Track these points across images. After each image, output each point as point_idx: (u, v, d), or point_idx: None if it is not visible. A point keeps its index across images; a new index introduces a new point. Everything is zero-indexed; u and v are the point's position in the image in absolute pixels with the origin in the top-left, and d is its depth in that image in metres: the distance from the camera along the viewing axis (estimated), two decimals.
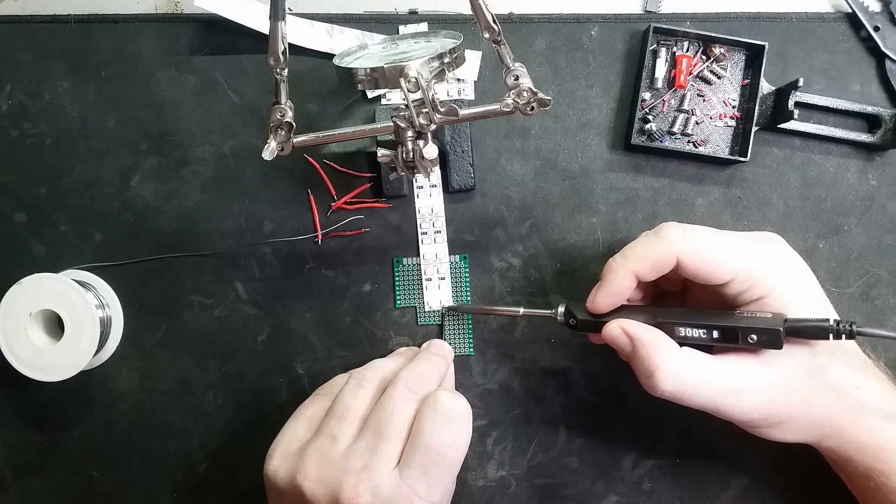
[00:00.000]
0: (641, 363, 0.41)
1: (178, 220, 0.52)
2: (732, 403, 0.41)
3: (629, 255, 0.43)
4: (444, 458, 0.40)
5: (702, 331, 0.42)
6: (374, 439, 0.40)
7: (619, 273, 0.43)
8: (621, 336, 0.42)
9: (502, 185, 0.52)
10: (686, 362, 0.41)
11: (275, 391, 0.52)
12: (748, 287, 0.42)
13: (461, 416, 0.42)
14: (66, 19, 0.52)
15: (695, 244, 0.42)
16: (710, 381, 0.41)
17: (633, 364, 0.42)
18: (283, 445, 0.43)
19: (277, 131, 0.44)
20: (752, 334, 0.40)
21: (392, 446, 0.40)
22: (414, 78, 0.40)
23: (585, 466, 0.52)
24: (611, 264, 0.43)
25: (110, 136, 0.52)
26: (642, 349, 0.41)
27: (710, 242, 0.42)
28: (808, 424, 0.43)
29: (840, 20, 0.51)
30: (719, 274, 0.41)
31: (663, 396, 0.41)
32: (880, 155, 0.51)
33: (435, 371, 0.46)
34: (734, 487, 0.51)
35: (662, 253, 0.42)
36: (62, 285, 0.48)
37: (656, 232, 0.43)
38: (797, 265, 0.43)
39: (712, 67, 0.51)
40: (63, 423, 0.52)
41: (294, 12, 0.51)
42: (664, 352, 0.41)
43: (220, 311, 0.52)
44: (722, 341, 0.42)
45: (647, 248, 0.42)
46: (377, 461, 0.39)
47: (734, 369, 0.41)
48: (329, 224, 0.51)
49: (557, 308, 0.46)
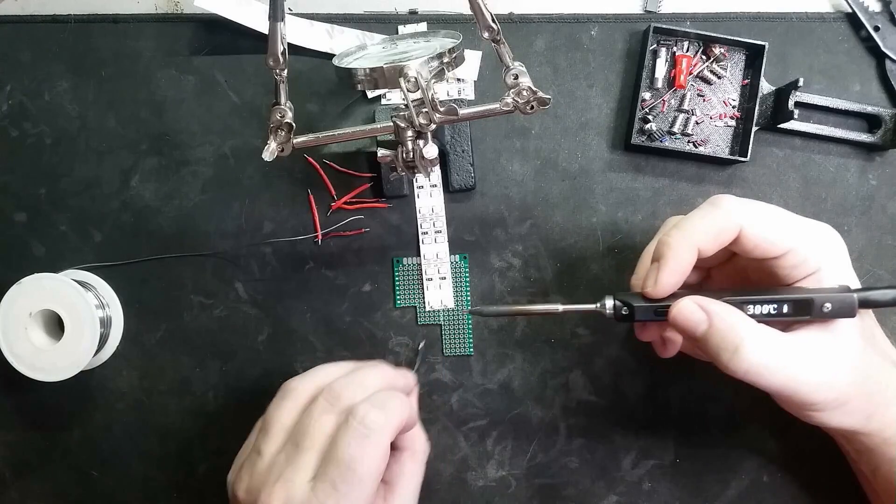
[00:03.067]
0: (721, 339, 0.38)
1: (178, 220, 0.52)
2: (808, 380, 0.39)
3: (689, 228, 0.40)
4: (352, 473, 0.38)
5: (772, 306, 0.40)
6: (292, 451, 0.40)
7: (680, 248, 0.40)
8: (696, 312, 0.39)
9: (502, 185, 0.52)
10: (767, 337, 0.39)
11: (275, 391, 0.52)
12: (803, 260, 0.40)
13: (374, 430, 0.39)
14: (66, 19, 0.52)
15: (756, 213, 0.40)
16: (790, 357, 0.39)
17: (709, 343, 0.39)
18: (238, 456, 0.43)
19: (277, 132, 0.44)
20: (826, 303, 0.39)
21: (307, 458, 0.39)
22: (413, 78, 0.40)
23: (585, 466, 0.52)
24: (668, 241, 0.40)
25: (110, 136, 0.52)
26: (722, 324, 0.39)
27: (770, 212, 0.41)
28: (865, 402, 0.41)
29: (840, 20, 0.51)
30: (780, 244, 0.40)
31: (742, 374, 0.38)
32: (880, 155, 0.51)
33: (370, 383, 0.42)
34: (734, 487, 0.51)
35: (725, 223, 0.40)
36: (62, 285, 0.48)
37: (713, 203, 0.41)
38: (843, 246, 0.42)
39: (712, 67, 0.51)
40: (63, 423, 0.52)
41: (294, 12, 0.51)
42: (745, 327, 0.39)
43: (220, 311, 0.52)
44: (793, 315, 0.40)
45: (706, 219, 0.40)
46: (291, 472, 0.39)
47: (811, 345, 0.39)
48: (329, 224, 0.51)
49: (604, 301, 0.42)
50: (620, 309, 0.42)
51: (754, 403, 0.51)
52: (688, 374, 0.50)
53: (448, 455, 0.52)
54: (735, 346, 0.38)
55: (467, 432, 0.52)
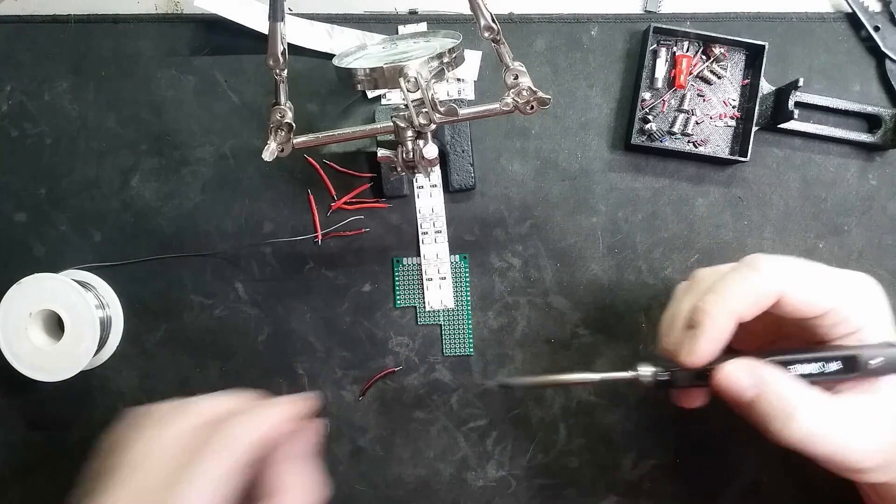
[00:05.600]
0: (772, 408, 0.36)
1: (178, 220, 0.52)
2: (858, 448, 0.37)
3: (726, 294, 0.38)
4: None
5: (818, 364, 0.37)
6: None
7: (719, 317, 0.37)
8: (745, 378, 0.37)
9: (502, 185, 0.52)
10: (820, 404, 0.36)
11: (275, 391, 0.52)
12: (845, 318, 0.38)
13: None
14: (66, 19, 0.52)
15: (797, 275, 0.38)
16: (841, 424, 0.36)
17: (757, 410, 0.37)
18: None
19: (277, 132, 0.44)
20: (872, 359, 0.37)
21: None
22: (413, 78, 0.40)
23: (585, 466, 0.52)
24: (706, 308, 0.38)
25: (110, 136, 0.52)
26: (773, 391, 0.36)
27: (810, 271, 0.39)
28: None
29: (840, 20, 0.51)
30: (822, 305, 0.38)
31: (793, 444, 0.36)
32: (880, 155, 0.51)
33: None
34: (734, 487, 0.51)
35: (764, 288, 0.37)
36: (62, 285, 0.48)
37: (750, 266, 0.38)
38: (884, 299, 0.40)
39: (712, 67, 0.51)
40: (63, 423, 0.52)
41: (294, 12, 0.51)
42: (798, 394, 0.36)
43: (220, 311, 0.52)
44: (841, 373, 0.37)
45: (745, 284, 0.38)
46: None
47: (859, 408, 0.37)
48: (329, 224, 0.51)
49: (639, 369, 0.40)
50: (659, 376, 0.40)
51: None
52: None
53: (448, 455, 0.52)
54: (787, 414, 0.36)
55: (467, 432, 0.52)
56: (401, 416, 0.52)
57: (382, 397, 0.52)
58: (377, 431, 0.52)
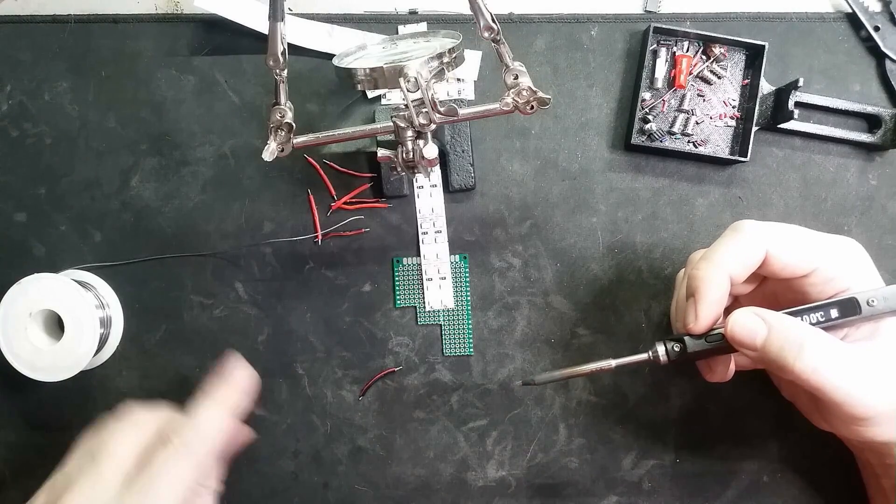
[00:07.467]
0: (784, 341, 0.38)
1: (178, 220, 0.52)
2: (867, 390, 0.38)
3: (716, 257, 0.40)
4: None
5: (818, 313, 0.39)
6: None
7: (713, 279, 0.40)
8: (753, 320, 0.39)
9: (502, 185, 0.52)
10: (828, 339, 0.38)
11: (275, 391, 0.52)
12: (832, 277, 0.40)
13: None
14: (66, 19, 0.52)
15: (779, 234, 0.40)
16: (850, 361, 0.38)
17: (771, 348, 0.38)
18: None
19: (277, 132, 0.44)
20: (870, 299, 0.39)
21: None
22: (413, 78, 0.40)
23: (585, 466, 0.52)
24: (699, 274, 0.40)
25: (110, 136, 0.52)
26: (781, 327, 0.38)
27: (792, 231, 0.41)
28: None
29: (840, 20, 0.51)
30: (807, 262, 0.40)
31: (809, 373, 0.38)
32: (880, 155, 0.51)
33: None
34: (734, 487, 0.51)
35: (750, 246, 0.40)
36: (62, 285, 0.48)
37: (735, 229, 0.41)
38: (867, 257, 0.42)
39: (712, 67, 0.51)
40: (63, 423, 0.52)
41: (294, 12, 0.51)
42: (805, 328, 0.38)
43: (220, 311, 0.52)
44: (842, 317, 0.39)
45: (731, 245, 0.40)
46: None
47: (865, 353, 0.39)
48: (329, 224, 0.51)
49: (656, 349, 0.42)
50: (673, 347, 0.41)
51: (754, 403, 0.51)
52: (688, 374, 0.50)
53: (448, 455, 0.52)
54: (799, 344, 0.38)
55: (467, 432, 0.52)
56: (401, 416, 0.52)
57: (382, 397, 0.52)
58: (377, 431, 0.52)
